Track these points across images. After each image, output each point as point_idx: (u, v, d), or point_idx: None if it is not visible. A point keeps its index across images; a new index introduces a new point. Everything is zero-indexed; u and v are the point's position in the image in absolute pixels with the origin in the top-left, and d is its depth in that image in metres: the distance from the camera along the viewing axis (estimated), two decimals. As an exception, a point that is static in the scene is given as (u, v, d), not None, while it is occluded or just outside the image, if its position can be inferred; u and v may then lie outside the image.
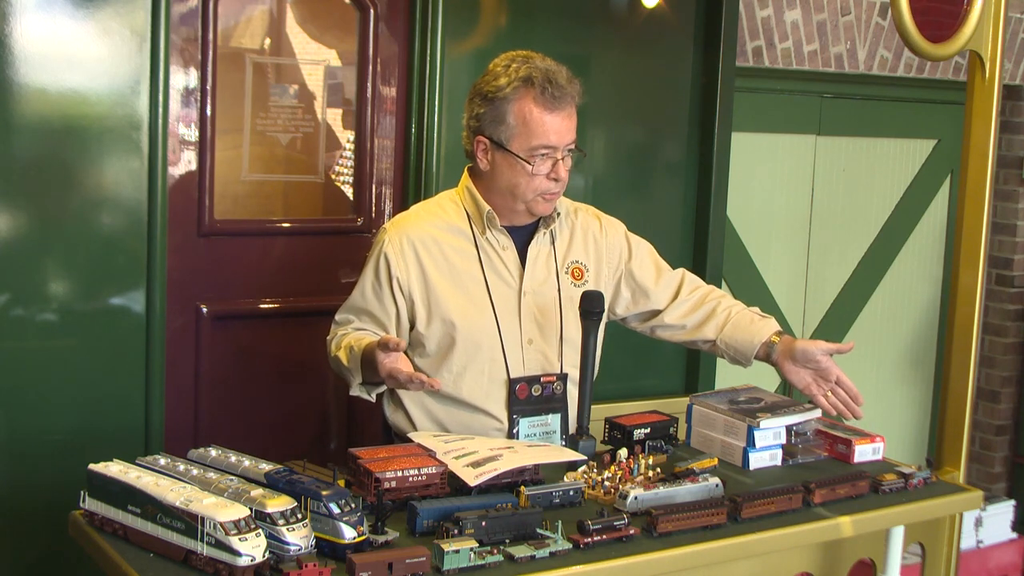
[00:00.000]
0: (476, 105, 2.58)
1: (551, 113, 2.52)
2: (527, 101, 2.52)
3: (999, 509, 4.80)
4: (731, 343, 2.74)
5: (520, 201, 2.58)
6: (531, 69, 2.53)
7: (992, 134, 2.90)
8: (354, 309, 2.63)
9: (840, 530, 2.35)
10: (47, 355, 2.91)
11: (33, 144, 2.84)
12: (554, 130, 2.53)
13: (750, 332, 2.73)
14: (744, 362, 2.76)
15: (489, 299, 2.60)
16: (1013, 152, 5.31)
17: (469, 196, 2.64)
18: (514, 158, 2.54)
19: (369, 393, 2.56)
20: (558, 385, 2.63)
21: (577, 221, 2.74)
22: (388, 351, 2.34)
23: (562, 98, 2.53)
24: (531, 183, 2.55)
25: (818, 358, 2.65)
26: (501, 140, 2.54)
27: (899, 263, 5.22)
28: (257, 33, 3.36)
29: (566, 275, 2.68)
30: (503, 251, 2.63)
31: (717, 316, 2.77)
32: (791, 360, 2.67)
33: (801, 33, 4.45)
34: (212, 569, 1.85)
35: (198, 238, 3.24)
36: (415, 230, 2.61)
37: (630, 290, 2.80)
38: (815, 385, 2.69)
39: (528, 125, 2.52)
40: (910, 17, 2.74)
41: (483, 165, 2.59)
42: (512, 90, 2.52)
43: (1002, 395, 5.40)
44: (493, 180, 2.59)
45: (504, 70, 2.55)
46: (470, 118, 2.60)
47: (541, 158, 2.53)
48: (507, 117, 2.53)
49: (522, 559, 1.99)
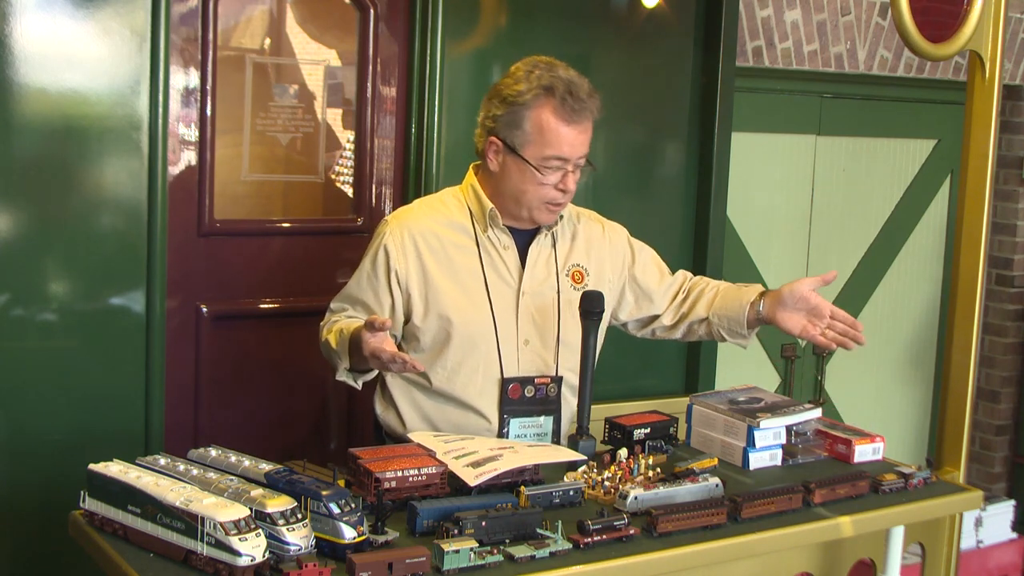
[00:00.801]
0: (494, 106, 2.56)
1: (568, 125, 2.51)
2: (545, 110, 2.51)
3: (999, 509, 4.81)
4: (722, 314, 2.75)
5: (524, 208, 2.58)
6: (553, 78, 2.52)
7: (992, 134, 2.90)
8: (349, 298, 2.63)
9: (840, 530, 2.35)
10: (47, 355, 2.91)
11: (33, 144, 2.84)
12: (568, 142, 2.52)
13: (737, 297, 2.74)
14: (740, 330, 2.74)
15: (487, 297, 2.59)
16: (1013, 152, 5.32)
17: (473, 193, 2.64)
18: (525, 164, 2.53)
19: (355, 380, 2.56)
20: (552, 387, 2.62)
21: (580, 225, 2.74)
22: (374, 330, 2.34)
23: (581, 111, 2.52)
24: (538, 191, 2.55)
25: (806, 294, 2.64)
26: (514, 145, 2.54)
27: (899, 263, 5.22)
28: (257, 33, 3.36)
29: (566, 278, 2.68)
30: (504, 250, 2.63)
31: (706, 294, 2.79)
32: (781, 307, 2.66)
33: (801, 33, 4.45)
34: (212, 569, 1.85)
35: (198, 238, 3.24)
36: (417, 224, 2.61)
37: (634, 295, 2.80)
38: (811, 326, 2.67)
39: (543, 134, 2.51)
40: (910, 17, 2.74)
41: (493, 166, 2.59)
42: (532, 97, 2.51)
43: (1002, 395, 5.40)
44: (501, 182, 2.59)
45: (526, 76, 2.53)
46: (486, 117, 2.59)
47: (552, 168, 2.53)
48: (523, 123, 2.52)
49: (522, 559, 1.99)
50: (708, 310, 2.77)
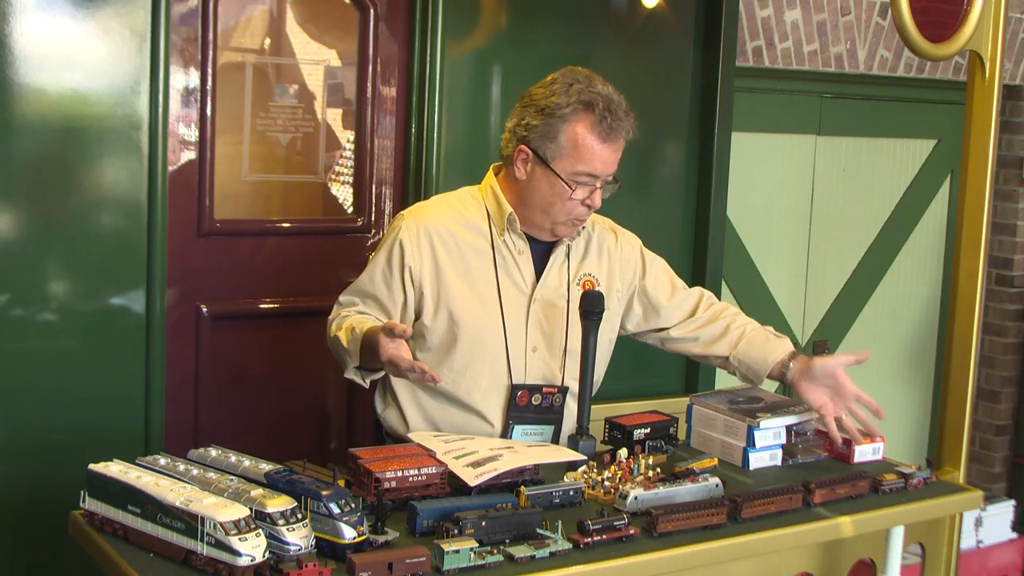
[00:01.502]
0: (529, 114, 2.52)
1: (603, 143, 2.49)
2: (583, 126, 2.48)
3: (999, 509, 4.80)
4: (744, 360, 2.72)
5: (549, 220, 2.56)
6: (593, 94, 2.49)
7: (992, 134, 2.90)
8: (360, 292, 2.59)
9: (840, 530, 2.34)
10: (47, 355, 2.91)
11: (33, 144, 2.84)
12: (602, 160, 2.50)
13: (764, 351, 2.71)
14: (756, 380, 2.74)
15: (499, 301, 2.58)
16: (1013, 152, 5.31)
17: (492, 196, 2.61)
18: (555, 178, 2.50)
19: (364, 379, 2.54)
20: (558, 397, 2.61)
21: (593, 234, 2.72)
22: (393, 336, 2.31)
23: (618, 130, 2.50)
24: (566, 206, 2.53)
25: (837, 372, 2.63)
26: (546, 156, 2.51)
27: (899, 263, 5.22)
28: (257, 33, 3.36)
29: (577, 287, 2.64)
30: (519, 255, 2.61)
31: (731, 333, 2.76)
32: (808, 378, 2.65)
33: (801, 33, 4.45)
34: (212, 569, 1.85)
35: (198, 238, 3.24)
36: (433, 222, 2.58)
37: (642, 307, 2.78)
38: (831, 405, 2.66)
39: (578, 149, 2.49)
40: (910, 17, 2.74)
41: (520, 174, 2.55)
42: (571, 111, 2.48)
43: (1002, 395, 5.40)
44: (527, 192, 2.56)
45: (565, 89, 2.50)
46: (518, 125, 2.54)
47: (581, 184, 2.51)
48: (559, 136, 2.49)
49: (522, 559, 1.99)
50: (730, 351, 2.74)
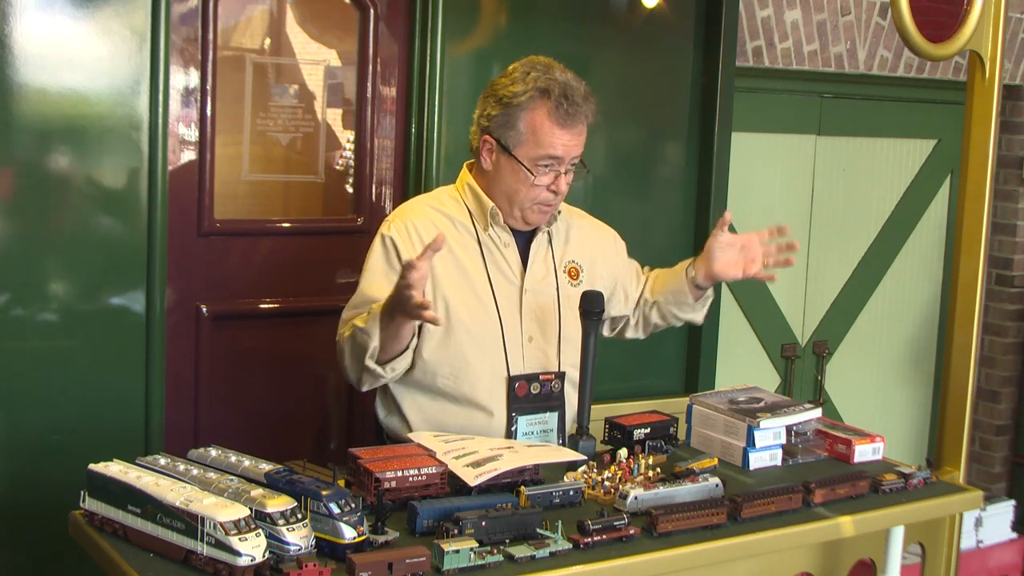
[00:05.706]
0: (489, 105, 2.58)
1: (562, 128, 2.53)
2: (540, 112, 2.52)
3: (999, 509, 4.81)
4: (666, 290, 2.82)
5: (516, 207, 2.59)
6: (550, 81, 2.53)
7: (992, 134, 2.90)
8: (363, 301, 2.53)
9: (840, 530, 2.35)
10: (47, 355, 2.91)
11: (33, 144, 2.84)
12: (562, 143, 2.54)
13: (673, 271, 2.83)
14: (686, 299, 2.80)
15: (492, 295, 2.60)
16: (1013, 152, 5.31)
17: (471, 192, 2.65)
18: (517, 164, 2.54)
19: (383, 366, 2.46)
20: (556, 383, 2.63)
21: (572, 222, 2.77)
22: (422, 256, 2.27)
23: (575, 115, 2.53)
24: (530, 192, 2.56)
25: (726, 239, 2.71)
26: (508, 144, 2.55)
27: (899, 263, 5.22)
28: (257, 33, 3.36)
29: (563, 274, 2.70)
30: (505, 248, 2.64)
31: (649, 280, 2.89)
32: (713, 261, 2.73)
33: (801, 33, 4.45)
34: (212, 569, 1.85)
35: (198, 238, 3.24)
36: (420, 219, 2.60)
37: (623, 292, 2.85)
38: (748, 263, 2.73)
39: (537, 135, 2.52)
40: (910, 17, 2.74)
41: (486, 164, 2.60)
42: (528, 99, 2.52)
43: (1002, 395, 5.40)
44: (494, 181, 2.60)
45: (523, 77, 2.55)
46: (481, 116, 2.60)
47: (544, 169, 2.55)
48: (518, 124, 2.53)
49: (522, 559, 1.99)
50: (652, 293, 2.85)
